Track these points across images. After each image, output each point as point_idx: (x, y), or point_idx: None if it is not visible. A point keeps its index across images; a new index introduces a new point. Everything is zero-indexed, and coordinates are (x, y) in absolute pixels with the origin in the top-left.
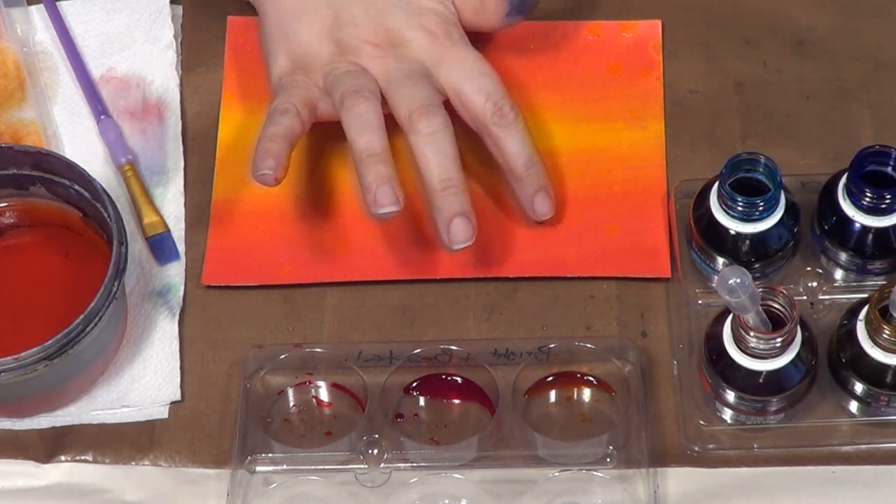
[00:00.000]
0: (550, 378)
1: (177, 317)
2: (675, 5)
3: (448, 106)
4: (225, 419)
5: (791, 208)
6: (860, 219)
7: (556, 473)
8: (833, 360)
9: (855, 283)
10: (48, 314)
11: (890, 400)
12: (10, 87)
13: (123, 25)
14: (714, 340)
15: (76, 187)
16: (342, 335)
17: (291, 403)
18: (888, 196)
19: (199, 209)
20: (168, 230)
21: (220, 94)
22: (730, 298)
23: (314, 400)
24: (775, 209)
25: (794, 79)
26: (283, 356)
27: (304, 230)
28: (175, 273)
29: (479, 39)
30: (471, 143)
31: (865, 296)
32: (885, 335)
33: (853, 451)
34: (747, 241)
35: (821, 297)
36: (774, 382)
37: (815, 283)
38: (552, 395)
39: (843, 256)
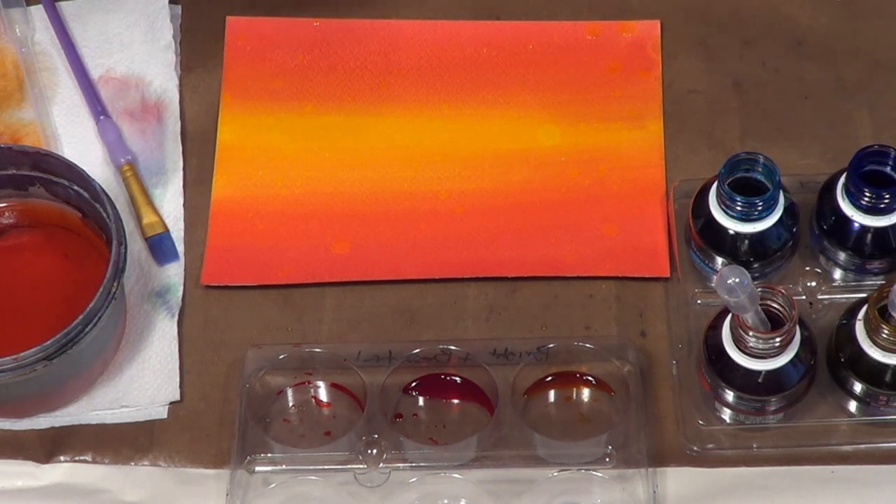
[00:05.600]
0: (549, 378)
1: (176, 317)
2: (674, 5)
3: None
4: (224, 419)
5: (790, 208)
6: (859, 218)
7: (556, 473)
8: (832, 360)
9: (854, 283)
10: (47, 314)
11: (889, 399)
12: (9, 87)
13: (122, 26)
14: (713, 340)
15: (75, 188)
16: (341, 335)
17: (290, 403)
18: (887, 196)
19: (198, 209)
20: (167, 230)
21: (220, 94)
22: (729, 298)
23: (313, 400)
24: (774, 209)
25: (793, 79)
26: (282, 356)
27: (303, 230)
28: (174, 273)
29: (479, 40)
30: (475, 143)
31: (864, 295)
32: (883, 335)
33: (852, 450)
34: (746, 241)
35: (820, 297)
36: (773, 382)
37: (813, 283)
38: (551, 395)
39: (842, 256)
